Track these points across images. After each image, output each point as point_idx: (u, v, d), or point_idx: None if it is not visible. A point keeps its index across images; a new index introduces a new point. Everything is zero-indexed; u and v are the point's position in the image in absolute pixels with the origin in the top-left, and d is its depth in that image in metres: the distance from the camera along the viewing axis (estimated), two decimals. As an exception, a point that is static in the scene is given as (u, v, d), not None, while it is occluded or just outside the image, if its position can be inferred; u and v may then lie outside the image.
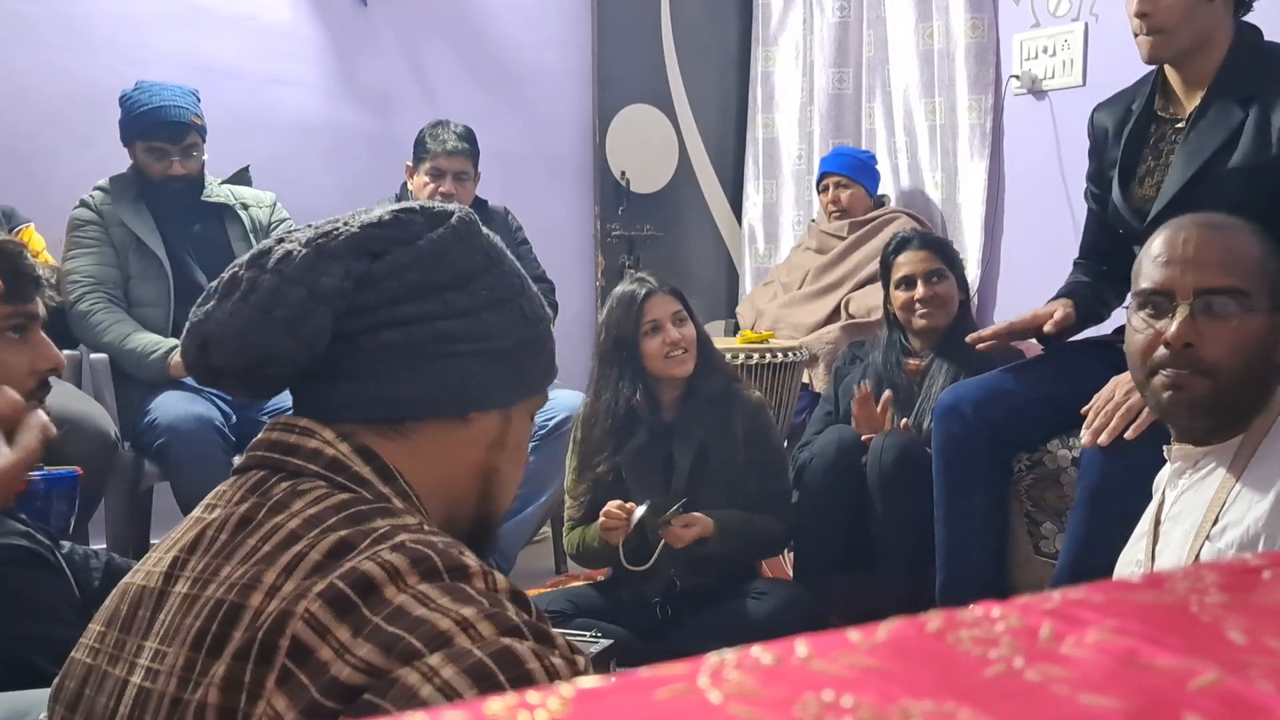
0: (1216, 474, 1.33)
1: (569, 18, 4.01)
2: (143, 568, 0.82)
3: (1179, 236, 1.35)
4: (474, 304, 0.86)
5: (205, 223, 2.77)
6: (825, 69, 4.06)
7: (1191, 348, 1.29)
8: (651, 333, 2.32)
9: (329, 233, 0.85)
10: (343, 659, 0.65)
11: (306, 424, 0.82)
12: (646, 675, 0.34)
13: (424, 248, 0.85)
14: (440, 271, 0.85)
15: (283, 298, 0.80)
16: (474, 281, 0.87)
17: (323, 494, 0.77)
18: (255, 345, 0.80)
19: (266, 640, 0.68)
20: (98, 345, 2.61)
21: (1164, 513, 1.41)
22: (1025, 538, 2.24)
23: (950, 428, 2.16)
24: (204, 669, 0.70)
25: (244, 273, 0.83)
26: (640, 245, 4.19)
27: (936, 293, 2.57)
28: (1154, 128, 2.07)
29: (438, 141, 2.98)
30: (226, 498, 0.81)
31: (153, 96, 2.63)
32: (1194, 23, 1.93)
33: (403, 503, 0.81)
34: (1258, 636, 0.38)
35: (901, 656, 0.36)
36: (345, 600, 0.67)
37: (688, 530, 2.22)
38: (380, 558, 0.69)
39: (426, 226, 0.87)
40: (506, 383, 0.89)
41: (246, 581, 0.72)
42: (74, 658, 0.82)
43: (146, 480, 2.60)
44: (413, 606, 0.67)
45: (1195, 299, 1.30)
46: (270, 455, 0.82)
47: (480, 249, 0.89)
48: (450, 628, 0.65)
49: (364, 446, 0.82)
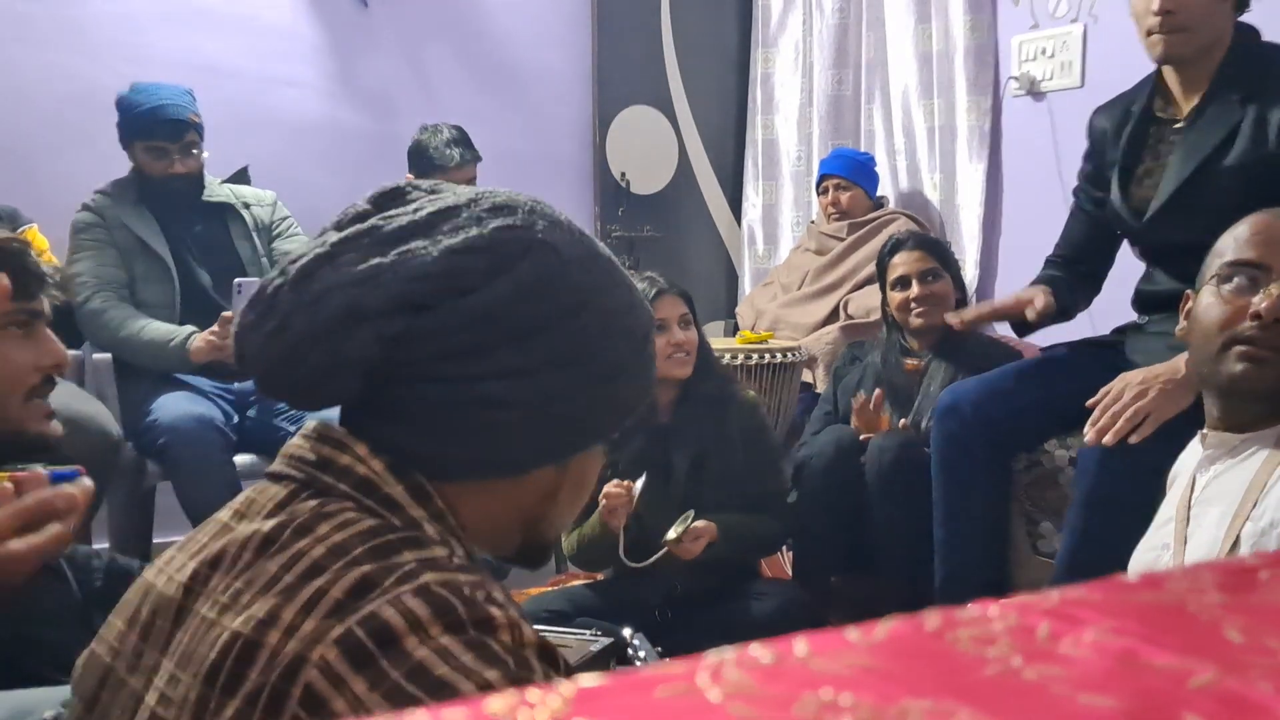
0: (1258, 457, 1.30)
1: (569, 18, 4.01)
2: (165, 569, 0.79)
3: (1275, 219, 1.34)
4: (531, 363, 0.75)
5: (207, 223, 2.77)
6: (825, 70, 4.06)
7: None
8: (658, 332, 2.32)
9: (372, 275, 0.74)
10: (356, 713, 0.63)
11: (341, 436, 0.77)
12: (646, 674, 0.34)
13: (475, 305, 0.74)
14: (496, 332, 0.75)
15: (304, 357, 0.74)
16: (537, 337, 0.76)
17: (350, 519, 0.73)
18: (283, 384, 0.77)
19: (278, 686, 0.65)
20: (113, 341, 2.59)
21: (1195, 496, 1.38)
22: (1024, 537, 2.24)
23: (949, 427, 2.17)
24: (216, 708, 0.67)
25: (285, 294, 0.75)
26: (640, 246, 4.19)
27: (932, 291, 2.57)
28: (1152, 129, 2.08)
29: (444, 156, 3.00)
30: (256, 508, 0.77)
31: (150, 96, 2.63)
32: (1212, 21, 1.93)
33: (435, 526, 0.76)
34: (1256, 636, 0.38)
35: (900, 656, 0.36)
36: (363, 650, 0.64)
37: (697, 543, 2.23)
38: (402, 604, 0.65)
39: (486, 275, 0.75)
40: (565, 441, 0.80)
41: (264, 617, 0.68)
42: (94, 650, 0.81)
43: (149, 480, 2.60)
44: (434, 664, 0.63)
45: None
46: (301, 468, 0.78)
47: (554, 298, 0.76)
48: (471, 692, 0.62)
49: (399, 464, 0.77)
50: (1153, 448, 1.79)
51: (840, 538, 2.48)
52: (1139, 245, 2.18)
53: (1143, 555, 1.48)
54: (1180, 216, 1.96)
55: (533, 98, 3.94)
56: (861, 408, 2.53)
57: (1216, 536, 1.30)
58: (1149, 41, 1.97)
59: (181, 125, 2.65)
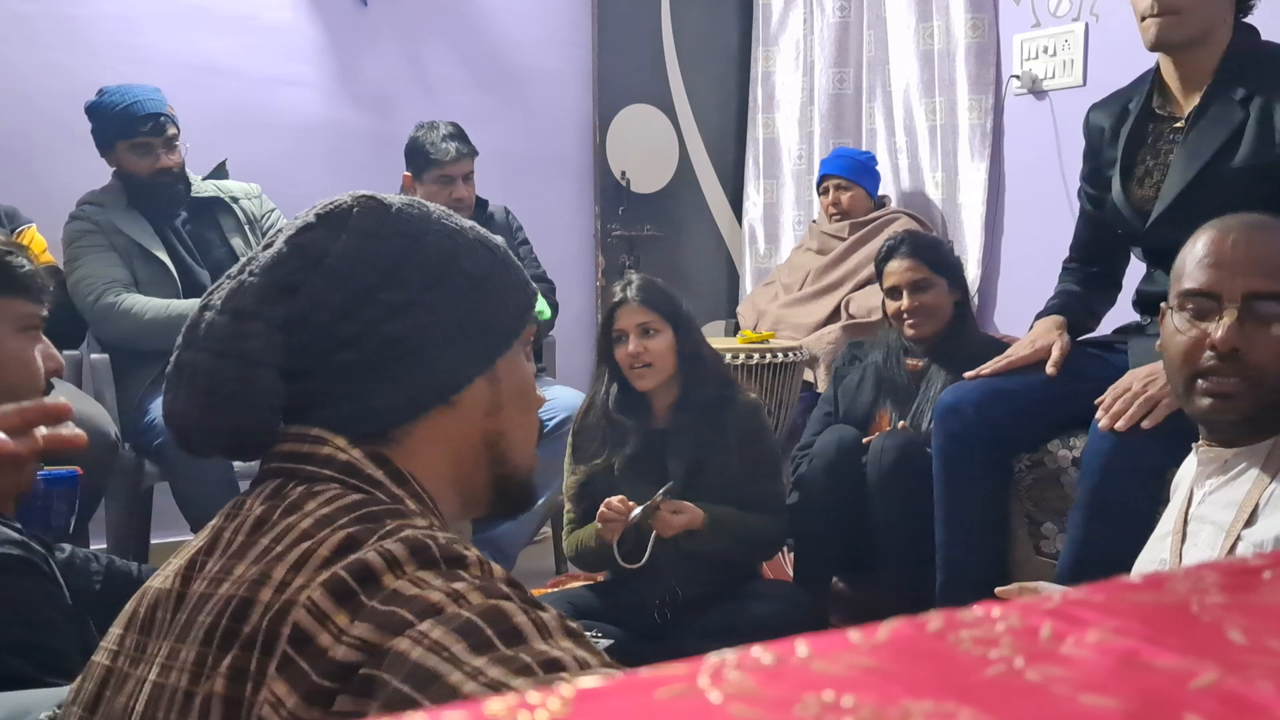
0: (1249, 474, 1.30)
1: (569, 18, 4.01)
2: (162, 573, 0.83)
3: (1226, 238, 1.32)
4: (410, 293, 0.82)
5: (197, 220, 2.79)
6: (826, 69, 4.06)
7: (1238, 352, 1.27)
8: (620, 342, 2.32)
9: (237, 289, 0.82)
10: (339, 641, 0.66)
11: (318, 433, 0.82)
12: (646, 675, 0.34)
13: (334, 264, 0.82)
14: (361, 278, 0.82)
15: (219, 376, 0.79)
16: (401, 269, 0.83)
17: (336, 494, 0.78)
18: (219, 427, 0.80)
19: (270, 630, 0.69)
20: (140, 326, 2.57)
21: (1191, 510, 1.38)
22: (1026, 538, 2.24)
23: (951, 428, 2.16)
24: (214, 662, 0.71)
25: (184, 354, 0.82)
26: (640, 245, 4.19)
27: (922, 303, 2.56)
28: (1151, 126, 2.07)
29: (440, 151, 3.00)
30: (244, 506, 0.81)
31: (123, 96, 2.64)
32: (1205, 8, 1.92)
33: (416, 505, 0.81)
34: (1258, 637, 0.38)
35: (902, 657, 0.36)
36: (345, 587, 0.68)
37: (677, 517, 2.20)
38: (381, 548, 0.70)
39: (328, 238, 0.83)
40: (477, 348, 0.86)
41: (256, 577, 0.73)
42: (94, 661, 0.83)
43: (147, 480, 2.60)
44: (407, 588, 0.68)
45: (1242, 302, 1.28)
46: (285, 465, 0.82)
47: (394, 232, 0.84)
48: (441, 599, 0.66)
49: (376, 452, 0.82)
50: (1154, 448, 1.79)
51: (841, 539, 2.48)
52: (1140, 246, 2.17)
53: (1142, 568, 1.48)
54: (1184, 219, 1.95)
55: (533, 97, 3.94)
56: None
57: (1210, 556, 1.30)
58: (1142, 27, 1.96)
59: (162, 118, 2.66)
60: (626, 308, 2.31)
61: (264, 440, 0.83)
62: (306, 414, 0.83)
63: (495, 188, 3.35)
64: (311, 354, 0.81)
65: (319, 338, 0.81)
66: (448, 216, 0.89)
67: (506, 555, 2.82)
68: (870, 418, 2.62)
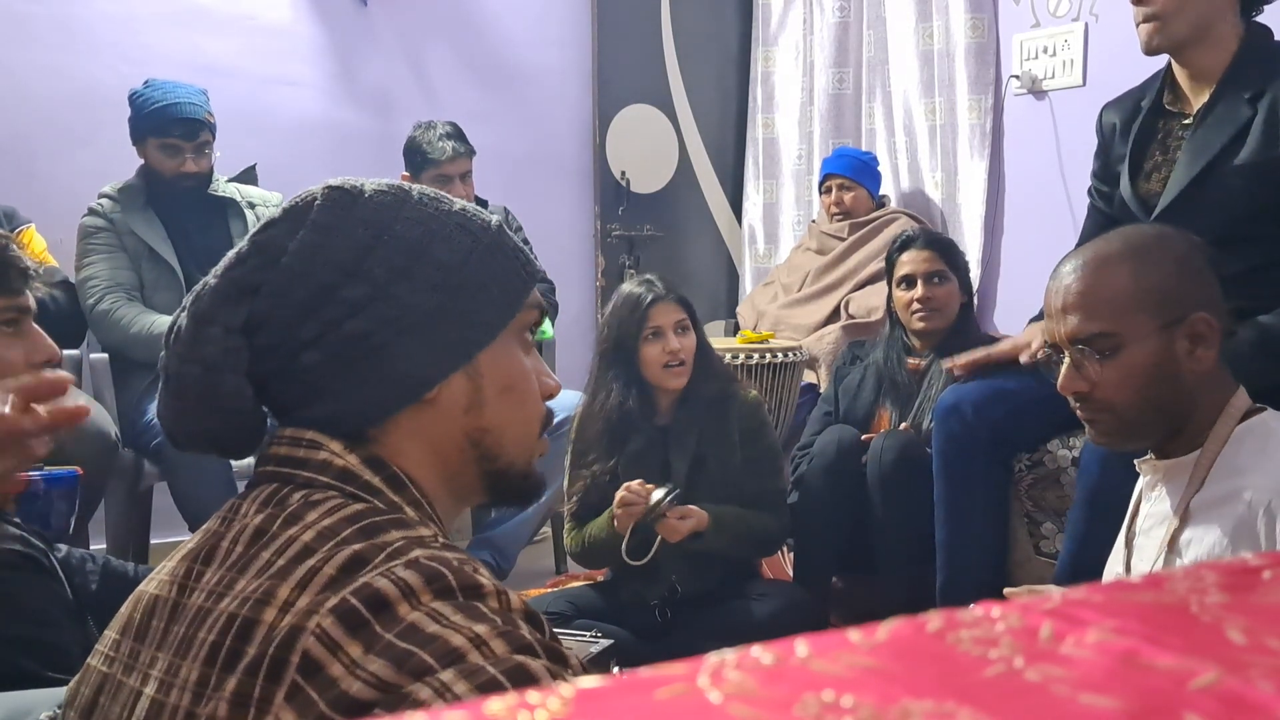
0: (1176, 487, 1.35)
1: (569, 18, 4.01)
2: (156, 576, 0.81)
3: (1052, 287, 1.39)
4: (372, 287, 0.78)
5: (211, 225, 2.76)
6: (825, 69, 4.06)
7: (1085, 393, 1.34)
8: (652, 339, 2.29)
9: (200, 292, 0.81)
10: (353, 674, 0.64)
11: (313, 436, 0.80)
12: (646, 675, 0.34)
13: (292, 263, 0.79)
14: (320, 274, 0.78)
15: (184, 381, 0.79)
16: (363, 263, 0.79)
17: (336, 504, 0.76)
18: (195, 431, 0.81)
19: (277, 656, 0.67)
20: (125, 339, 2.58)
21: (1137, 525, 1.43)
22: (1025, 537, 2.24)
23: (951, 428, 2.16)
24: (217, 684, 0.69)
25: (164, 358, 0.82)
26: (640, 245, 4.19)
27: (935, 294, 2.56)
28: (1161, 123, 2.06)
29: (437, 150, 3.00)
30: (240, 511, 0.80)
31: (166, 94, 2.63)
32: (1189, 12, 1.92)
33: (415, 511, 0.79)
34: (1258, 636, 0.38)
35: (901, 656, 0.36)
36: (357, 616, 0.66)
37: (683, 522, 2.20)
38: (394, 574, 0.68)
39: (287, 234, 0.80)
40: (452, 342, 0.81)
41: (259, 596, 0.71)
42: (90, 665, 0.82)
43: (146, 480, 2.60)
44: (425, 624, 0.65)
45: (1073, 347, 1.34)
46: (280, 470, 0.80)
47: (357, 223, 0.80)
48: (463, 644, 0.64)
49: (373, 456, 0.80)
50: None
51: (841, 538, 2.48)
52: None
53: (1106, 579, 1.49)
54: (1188, 214, 1.96)
55: (533, 97, 3.94)
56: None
57: (1150, 570, 1.33)
58: (1137, 33, 1.98)
59: (197, 124, 2.64)
60: (663, 305, 2.29)
61: (246, 440, 0.82)
62: (286, 414, 0.82)
63: (495, 188, 3.35)
64: (278, 355, 0.79)
65: (283, 338, 0.79)
66: (429, 201, 0.83)
67: (506, 555, 2.82)
68: (870, 418, 2.62)
